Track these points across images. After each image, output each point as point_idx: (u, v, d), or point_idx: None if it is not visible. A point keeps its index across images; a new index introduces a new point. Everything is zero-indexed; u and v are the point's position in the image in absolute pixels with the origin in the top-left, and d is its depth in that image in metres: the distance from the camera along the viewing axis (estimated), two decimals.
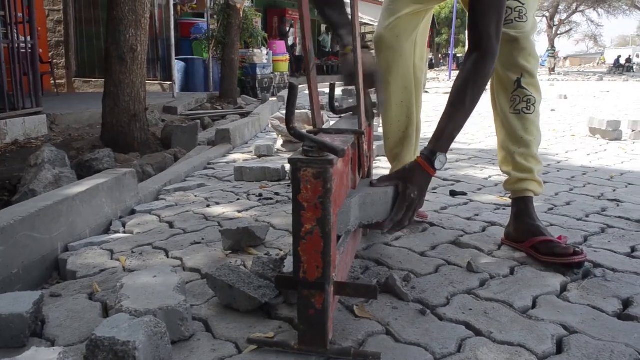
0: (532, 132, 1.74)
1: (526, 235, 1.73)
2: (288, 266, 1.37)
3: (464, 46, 33.11)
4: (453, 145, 4.09)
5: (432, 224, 2.04)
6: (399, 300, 1.40)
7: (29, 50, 4.93)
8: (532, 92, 1.71)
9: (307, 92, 1.28)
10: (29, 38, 4.90)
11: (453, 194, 2.52)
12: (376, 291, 1.16)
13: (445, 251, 1.77)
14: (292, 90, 1.07)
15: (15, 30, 4.69)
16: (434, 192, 2.57)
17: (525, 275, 1.57)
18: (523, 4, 1.66)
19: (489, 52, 1.48)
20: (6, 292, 1.36)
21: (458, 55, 37.88)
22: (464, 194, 2.52)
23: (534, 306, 1.39)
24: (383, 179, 1.49)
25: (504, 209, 2.27)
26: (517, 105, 1.72)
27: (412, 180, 1.45)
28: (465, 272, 1.59)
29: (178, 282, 1.30)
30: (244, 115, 6.48)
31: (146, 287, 1.27)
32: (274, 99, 8.35)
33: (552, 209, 2.29)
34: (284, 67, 11.56)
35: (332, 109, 1.56)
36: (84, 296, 1.45)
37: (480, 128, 5.20)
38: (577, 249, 1.61)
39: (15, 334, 1.19)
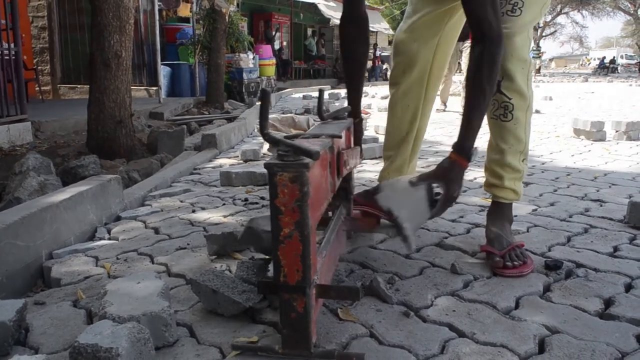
0: (508, 140, 1.68)
1: (485, 240, 1.74)
2: (272, 270, 1.38)
3: None
4: (437, 148, 4.10)
5: None
6: (383, 302, 1.41)
7: (13, 57, 4.90)
8: (513, 98, 1.63)
9: (294, 95, 1.29)
10: (12, 45, 4.87)
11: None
12: (359, 293, 1.16)
13: (430, 253, 1.78)
14: (265, 97, 1.08)
15: None
16: None
17: None
18: None
19: (493, 39, 1.45)
20: None
21: None
22: None
23: (516, 307, 1.40)
24: (423, 178, 1.58)
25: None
26: (495, 111, 1.67)
27: (454, 179, 1.53)
28: (449, 273, 1.60)
29: (162, 287, 1.29)
30: (230, 119, 6.48)
31: (130, 293, 1.27)
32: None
33: (536, 210, 2.31)
34: (271, 71, 11.56)
35: (320, 114, 1.57)
36: (68, 303, 1.45)
37: None
38: (508, 264, 1.59)
39: None
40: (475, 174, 3.08)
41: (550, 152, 3.92)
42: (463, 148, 1.51)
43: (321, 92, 1.60)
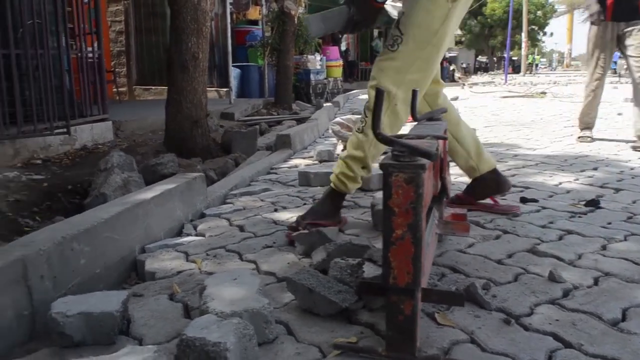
0: None
1: None
2: (368, 272, 1.36)
3: (519, 48, 32.12)
4: (518, 151, 3.94)
5: (505, 231, 1.99)
6: (480, 308, 1.36)
7: (96, 60, 5.11)
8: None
9: (360, 97, 1.28)
10: (96, 48, 5.08)
11: (524, 200, 2.45)
12: (462, 298, 1.14)
13: (523, 259, 1.72)
14: (380, 97, 1.06)
15: (83, 42, 4.87)
16: (503, 199, 2.50)
17: (610, 286, 1.51)
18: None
19: None
20: (90, 292, 1.40)
21: (514, 58, 37.03)
22: (535, 200, 2.45)
23: (623, 319, 1.33)
24: None
25: (579, 216, 2.18)
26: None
27: None
28: (547, 281, 1.54)
29: (259, 285, 1.31)
30: (299, 120, 6.52)
31: (229, 290, 1.29)
32: (329, 104, 8.37)
33: (631, 217, 2.19)
34: (338, 72, 11.60)
35: (414, 115, 1.54)
36: (165, 297, 1.48)
37: (544, 133, 5.05)
38: None
39: (105, 332, 1.22)
40: (560, 179, 2.96)
41: (639, 157, 3.71)
42: None
43: (415, 92, 1.57)
